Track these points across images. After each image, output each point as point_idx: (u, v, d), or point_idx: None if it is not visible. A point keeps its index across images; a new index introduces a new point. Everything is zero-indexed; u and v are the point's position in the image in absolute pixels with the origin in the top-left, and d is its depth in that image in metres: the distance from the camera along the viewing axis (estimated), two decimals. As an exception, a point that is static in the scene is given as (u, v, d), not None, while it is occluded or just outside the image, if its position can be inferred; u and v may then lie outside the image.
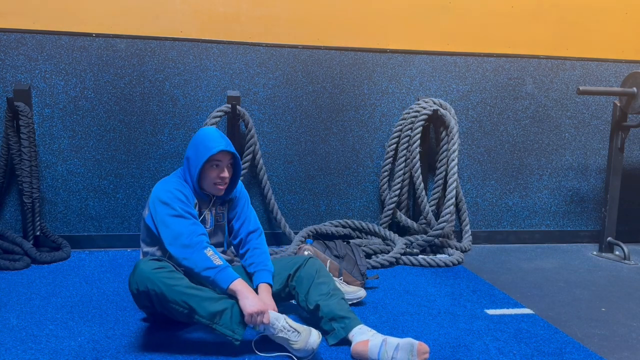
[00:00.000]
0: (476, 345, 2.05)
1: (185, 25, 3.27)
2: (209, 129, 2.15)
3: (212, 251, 1.96)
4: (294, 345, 1.85)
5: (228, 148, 2.08)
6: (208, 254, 1.94)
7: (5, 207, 3.19)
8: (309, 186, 3.54)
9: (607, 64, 3.78)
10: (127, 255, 3.20)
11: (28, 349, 1.91)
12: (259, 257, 2.18)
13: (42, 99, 3.16)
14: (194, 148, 2.10)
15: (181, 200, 2.04)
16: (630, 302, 2.63)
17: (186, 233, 1.97)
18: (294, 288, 2.14)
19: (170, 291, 1.86)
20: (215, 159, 2.07)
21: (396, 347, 1.82)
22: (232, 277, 1.92)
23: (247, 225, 2.26)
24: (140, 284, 1.89)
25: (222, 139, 2.09)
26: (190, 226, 2.00)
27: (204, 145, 2.07)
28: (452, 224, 3.55)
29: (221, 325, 1.87)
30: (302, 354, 1.86)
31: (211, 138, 2.08)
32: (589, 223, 3.93)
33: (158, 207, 2.03)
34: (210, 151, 2.04)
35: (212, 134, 2.10)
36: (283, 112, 3.45)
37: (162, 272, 1.89)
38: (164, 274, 1.89)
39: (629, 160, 3.91)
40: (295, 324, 1.89)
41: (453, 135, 3.33)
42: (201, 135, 2.12)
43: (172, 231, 1.98)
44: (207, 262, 1.92)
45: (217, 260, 1.94)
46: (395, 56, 3.53)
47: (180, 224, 1.99)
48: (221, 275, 1.91)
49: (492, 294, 2.67)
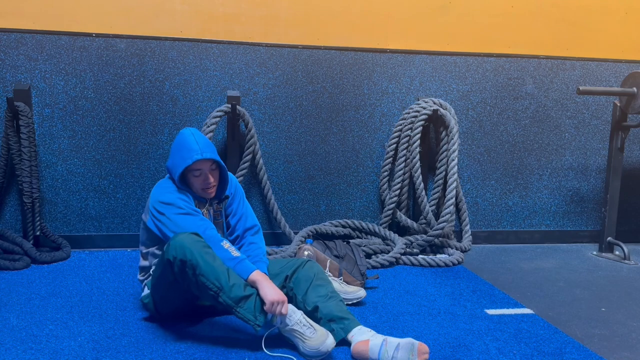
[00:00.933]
0: (476, 345, 2.05)
1: (185, 25, 3.27)
2: (184, 133, 2.11)
3: (228, 244, 2.01)
4: (307, 341, 1.86)
5: (204, 156, 2.04)
6: (225, 246, 1.99)
7: (5, 207, 3.19)
8: (309, 186, 3.54)
9: (607, 64, 3.78)
10: (127, 255, 3.20)
11: (28, 349, 1.91)
12: (254, 251, 2.22)
13: (42, 99, 3.16)
14: (172, 158, 2.11)
15: (184, 200, 2.07)
16: (630, 302, 2.63)
17: (199, 226, 2.00)
18: (291, 289, 2.14)
19: (206, 265, 1.87)
20: (194, 169, 2.07)
21: (397, 347, 1.82)
22: (251, 268, 1.97)
23: (243, 222, 2.28)
24: (179, 251, 1.88)
25: (196, 145, 2.05)
26: (200, 221, 2.03)
27: (180, 155, 2.07)
28: (452, 224, 3.55)
29: (245, 309, 1.89)
30: (312, 353, 1.85)
31: (186, 147, 2.06)
32: (589, 223, 3.93)
33: (162, 209, 2.05)
34: (185, 162, 2.04)
35: (187, 141, 2.07)
36: (283, 112, 3.45)
37: (202, 247, 1.90)
38: (204, 249, 1.91)
39: (629, 160, 3.91)
40: (313, 322, 1.92)
41: (453, 135, 3.33)
42: (177, 144, 2.11)
43: (185, 229, 1.99)
44: (226, 253, 1.97)
45: (235, 252, 1.99)
46: (395, 56, 3.53)
47: (191, 221, 2.02)
48: (241, 266, 1.95)
49: (492, 294, 2.67)
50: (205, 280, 1.87)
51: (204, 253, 1.89)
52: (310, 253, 2.65)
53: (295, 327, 1.89)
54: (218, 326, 2.16)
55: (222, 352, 1.92)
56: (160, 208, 2.05)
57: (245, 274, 1.94)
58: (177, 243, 1.90)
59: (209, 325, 2.17)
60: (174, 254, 1.89)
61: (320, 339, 1.85)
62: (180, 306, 2.13)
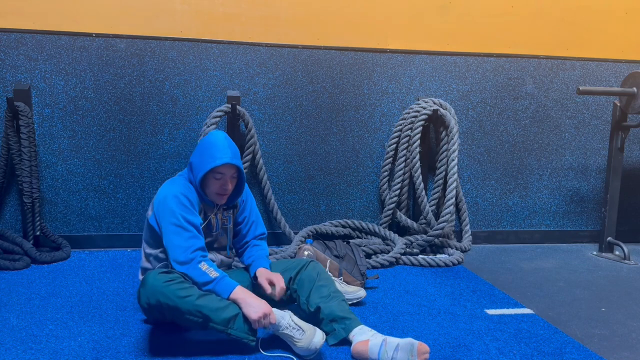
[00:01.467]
0: (476, 345, 2.05)
1: (185, 25, 3.27)
2: (218, 135, 2.08)
3: (207, 264, 1.96)
4: (297, 343, 1.87)
5: (233, 161, 2.03)
6: (203, 268, 1.94)
7: (5, 207, 3.19)
8: (309, 186, 3.54)
9: (607, 64, 3.78)
10: (127, 255, 3.20)
11: (28, 349, 1.91)
12: (257, 252, 2.24)
13: (42, 99, 3.16)
14: (199, 155, 2.06)
15: (185, 206, 2.01)
16: (630, 302, 2.63)
17: (182, 247, 1.96)
18: (295, 291, 2.14)
19: (183, 303, 1.84)
20: (218, 171, 2.03)
21: (396, 347, 1.82)
22: (231, 285, 1.93)
23: (254, 229, 2.30)
24: (152, 297, 1.87)
25: (228, 150, 2.03)
26: (188, 240, 1.98)
27: (210, 154, 2.02)
28: (452, 224, 3.55)
29: (236, 329, 1.88)
30: (304, 352, 1.87)
31: (218, 148, 2.03)
32: (589, 223, 3.93)
33: (163, 212, 2.03)
34: (214, 162, 2.00)
35: (220, 143, 2.04)
36: (283, 112, 3.45)
37: (173, 285, 1.87)
38: (176, 286, 1.87)
39: (629, 160, 3.91)
40: (301, 322, 1.92)
41: (453, 135, 3.33)
42: (208, 142, 2.06)
43: (171, 243, 1.98)
44: (204, 277, 1.93)
45: (213, 272, 1.94)
46: (395, 56, 3.53)
47: (179, 237, 1.98)
48: (220, 286, 1.92)
49: (492, 294, 2.67)
50: (188, 315, 1.85)
51: (178, 290, 1.85)
52: (310, 253, 2.65)
53: (285, 332, 1.89)
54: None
55: (222, 352, 1.92)
56: (161, 209, 2.03)
57: (225, 293, 1.91)
58: (149, 288, 1.88)
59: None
60: (147, 300, 1.89)
61: (308, 338, 1.86)
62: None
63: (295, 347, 1.88)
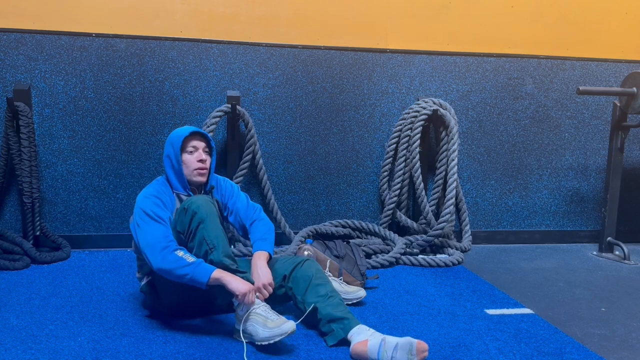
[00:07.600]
0: (476, 345, 2.05)
1: (185, 25, 3.27)
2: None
3: (183, 252, 2.00)
4: (269, 324, 1.88)
5: (199, 130, 2.21)
6: (179, 254, 1.98)
7: (5, 207, 3.19)
8: (309, 186, 3.54)
9: (607, 64, 3.78)
10: (127, 255, 3.20)
11: (28, 349, 1.91)
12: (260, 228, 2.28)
13: (42, 99, 3.16)
14: (169, 143, 2.21)
15: (156, 205, 2.09)
16: (630, 302, 2.63)
17: (157, 237, 2.00)
18: (290, 289, 2.15)
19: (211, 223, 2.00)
20: (190, 145, 2.18)
21: (395, 346, 1.82)
22: (209, 269, 1.96)
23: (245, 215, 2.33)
24: (194, 204, 2.02)
25: (191, 127, 2.22)
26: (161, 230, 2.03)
27: (176, 135, 2.19)
28: (452, 224, 3.55)
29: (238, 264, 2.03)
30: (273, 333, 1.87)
31: (181, 129, 2.22)
32: (589, 223, 3.93)
33: (135, 213, 2.10)
34: (184, 133, 2.17)
35: (181, 128, 2.24)
36: (283, 112, 3.45)
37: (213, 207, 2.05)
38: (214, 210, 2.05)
39: (629, 160, 3.91)
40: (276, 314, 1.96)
41: (453, 135, 3.33)
42: (172, 132, 2.26)
43: (144, 237, 2.02)
44: (181, 261, 1.96)
45: (189, 258, 1.97)
46: (395, 56, 3.53)
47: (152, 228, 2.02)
48: (199, 270, 1.95)
49: (492, 294, 2.67)
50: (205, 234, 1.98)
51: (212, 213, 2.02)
52: (310, 253, 2.65)
53: (259, 311, 1.93)
54: (218, 326, 2.16)
55: (223, 352, 1.92)
56: (135, 212, 2.11)
57: (204, 277, 1.93)
58: (195, 200, 2.04)
59: (209, 325, 2.17)
60: (189, 205, 2.03)
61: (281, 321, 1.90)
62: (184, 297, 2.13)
63: (265, 329, 1.88)
